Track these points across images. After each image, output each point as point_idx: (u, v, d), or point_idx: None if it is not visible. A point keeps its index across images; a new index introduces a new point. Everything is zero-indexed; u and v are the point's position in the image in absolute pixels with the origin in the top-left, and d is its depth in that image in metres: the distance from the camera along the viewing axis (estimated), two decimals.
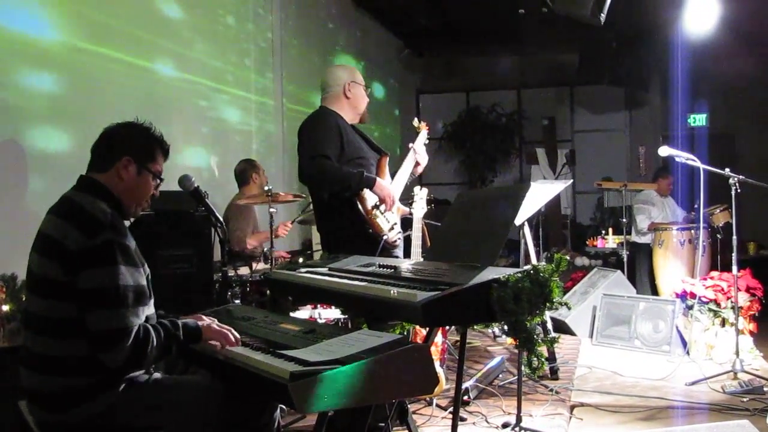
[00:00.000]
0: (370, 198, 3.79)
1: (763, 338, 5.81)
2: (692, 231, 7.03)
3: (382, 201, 3.78)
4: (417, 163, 4.17)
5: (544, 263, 2.35)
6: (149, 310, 2.39)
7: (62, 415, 2.25)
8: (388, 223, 3.80)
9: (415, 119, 4.44)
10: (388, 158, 4.02)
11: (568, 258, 2.51)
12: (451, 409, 3.89)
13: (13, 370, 3.10)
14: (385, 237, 3.72)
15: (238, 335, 2.41)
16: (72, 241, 2.22)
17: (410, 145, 4.20)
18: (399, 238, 3.88)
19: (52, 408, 2.26)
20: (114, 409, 2.26)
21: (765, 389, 4.63)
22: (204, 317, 2.58)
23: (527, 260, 4.96)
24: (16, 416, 2.50)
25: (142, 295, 2.30)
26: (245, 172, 5.79)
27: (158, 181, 2.53)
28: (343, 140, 3.79)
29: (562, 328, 6.40)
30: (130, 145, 2.45)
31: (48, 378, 2.26)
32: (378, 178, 3.79)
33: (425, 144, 4.27)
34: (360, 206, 3.74)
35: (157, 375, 2.43)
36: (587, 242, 10.14)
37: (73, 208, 2.32)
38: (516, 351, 4.61)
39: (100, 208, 2.31)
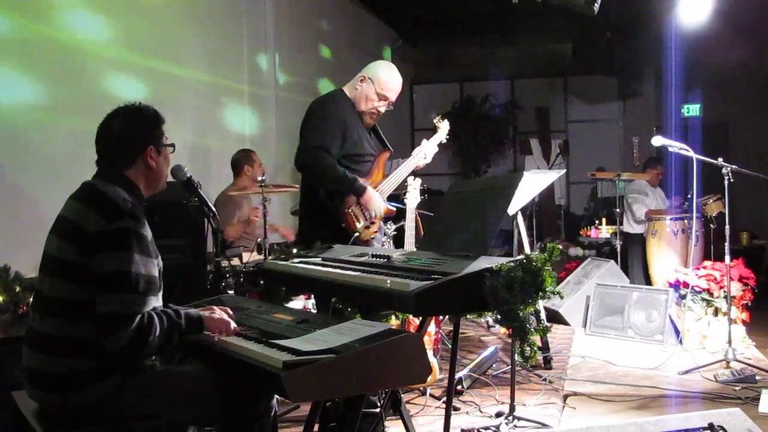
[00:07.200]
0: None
1: (755, 327, 5.84)
2: (685, 221, 7.05)
3: (366, 210, 3.77)
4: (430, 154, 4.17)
5: (537, 252, 2.36)
6: (158, 301, 2.41)
7: (64, 397, 2.26)
8: (364, 221, 3.79)
9: (437, 117, 4.40)
10: (389, 155, 4.01)
11: (561, 248, 2.51)
12: (444, 398, 3.90)
13: (6, 361, 3.10)
14: (356, 234, 3.71)
15: (236, 325, 2.43)
16: (90, 224, 2.27)
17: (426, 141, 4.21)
18: (374, 237, 3.86)
19: (54, 390, 2.27)
20: (114, 396, 2.27)
21: (757, 378, 4.66)
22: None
23: (520, 250, 4.96)
24: (11, 407, 2.50)
25: (152, 285, 2.32)
26: (239, 162, 5.79)
27: (173, 149, 2.60)
28: (345, 134, 3.76)
29: (555, 317, 6.42)
30: (146, 135, 2.50)
31: (54, 359, 2.27)
32: (369, 189, 3.75)
33: (443, 141, 4.26)
34: (339, 200, 3.75)
35: (155, 365, 2.43)
36: (581, 232, 10.16)
37: (95, 194, 2.37)
38: (509, 341, 4.63)
39: (121, 196, 2.36)
